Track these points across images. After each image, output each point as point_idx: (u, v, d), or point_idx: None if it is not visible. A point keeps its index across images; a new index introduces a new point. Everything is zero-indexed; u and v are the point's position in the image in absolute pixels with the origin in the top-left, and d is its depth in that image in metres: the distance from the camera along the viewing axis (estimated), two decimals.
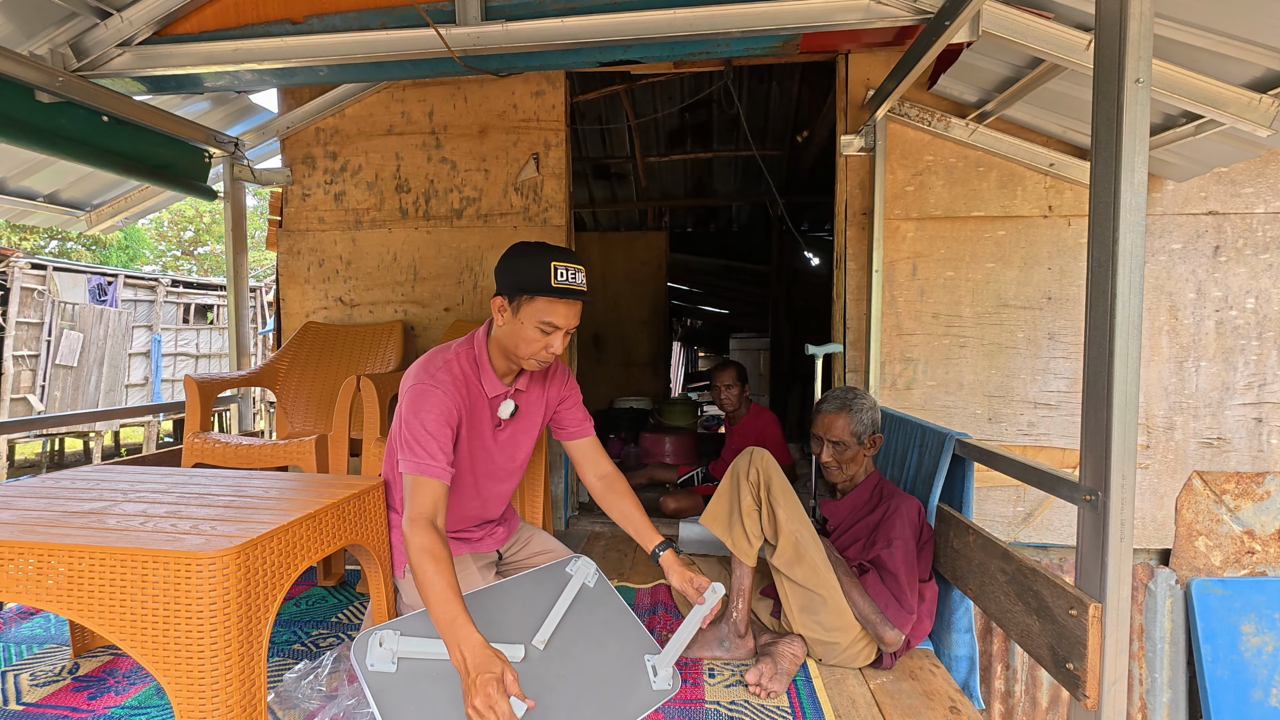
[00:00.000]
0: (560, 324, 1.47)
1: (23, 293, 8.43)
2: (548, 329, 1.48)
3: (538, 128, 2.99)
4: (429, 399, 1.47)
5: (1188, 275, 2.60)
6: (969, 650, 1.82)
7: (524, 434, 1.71)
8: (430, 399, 1.47)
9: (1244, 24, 1.71)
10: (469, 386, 1.56)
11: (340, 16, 2.26)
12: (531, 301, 1.46)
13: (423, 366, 1.54)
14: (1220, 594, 2.50)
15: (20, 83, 2.19)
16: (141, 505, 1.38)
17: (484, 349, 1.59)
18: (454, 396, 1.50)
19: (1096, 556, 1.19)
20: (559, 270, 1.45)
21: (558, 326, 1.48)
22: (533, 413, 1.71)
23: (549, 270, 1.44)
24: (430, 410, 1.46)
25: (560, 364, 1.77)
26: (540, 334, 1.48)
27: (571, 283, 1.46)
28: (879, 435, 1.89)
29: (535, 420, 1.72)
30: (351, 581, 2.26)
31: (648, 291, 6.26)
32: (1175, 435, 2.63)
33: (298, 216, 3.13)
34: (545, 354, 1.51)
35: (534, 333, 1.48)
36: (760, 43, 2.18)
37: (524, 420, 1.69)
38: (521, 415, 1.68)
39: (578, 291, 1.47)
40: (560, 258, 1.46)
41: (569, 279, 1.46)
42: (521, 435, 1.70)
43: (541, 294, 1.44)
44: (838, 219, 2.81)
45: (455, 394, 1.51)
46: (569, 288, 1.45)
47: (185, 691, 1.09)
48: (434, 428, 1.44)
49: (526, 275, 1.45)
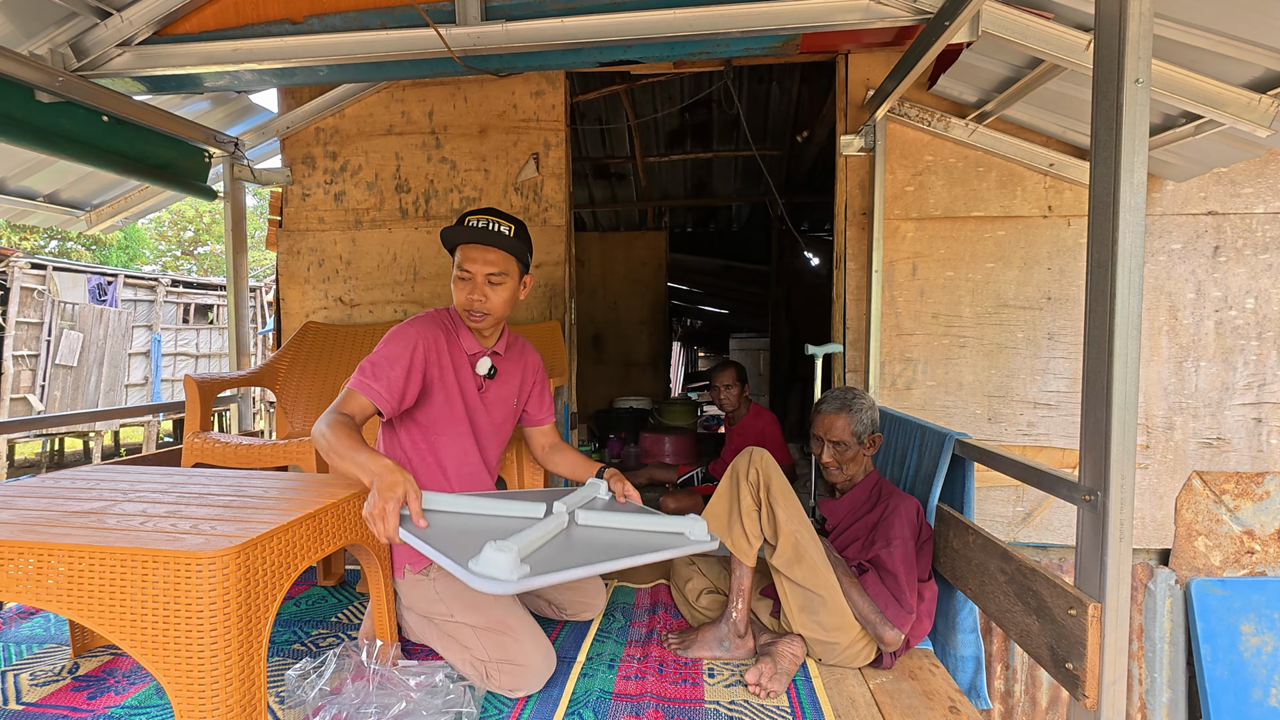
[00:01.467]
0: (472, 269, 1.59)
1: (23, 292, 8.42)
2: (464, 275, 1.61)
3: (538, 128, 2.99)
4: (397, 334, 1.61)
5: (1187, 275, 2.60)
6: (975, 650, 1.82)
7: (504, 401, 1.82)
8: (399, 334, 1.61)
9: (1244, 24, 1.71)
10: (448, 339, 1.69)
11: (340, 16, 2.26)
12: (455, 254, 1.64)
13: (410, 319, 1.69)
14: (1220, 594, 2.50)
15: (20, 83, 2.19)
16: (141, 505, 1.38)
17: (458, 316, 1.73)
18: (424, 337, 1.63)
19: (1096, 556, 1.19)
20: (469, 219, 1.60)
21: (469, 272, 1.60)
22: (510, 382, 1.82)
23: (464, 222, 1.60)
24: (393, 342, 1.59)
25: (538, 357, 1.91)
26: (461, 281, 1.62)
27: (477, 226, 1.58)
28: (878, 435, 1.89)
29: (513, 389, 1.83)
30: (351, 581, 2.26)
31: (648, 291, 6.26)
32: (1175, 435, 2.63)
33: (298, 216, 3.13)
34: (468, 301, 1.62)
35: (457, 281, 1.63)
36: (760, 43, 2.18)
37: (503, 388, 1.81)
38: (501, 382, 1.79)
39: (485, 233, 1.58)
40: (478, 211, 1.62)
41: (476, 223, 1.58)
42: (502, 401, 1.82)
43: (453, 241, 1.62)
44: (838, 219, 2.81)
45: (426, 335, 1.63)
46: (474, 229, 1.58)
47: (185, 691, 1.09)
48: (393, 356, 1.57)
49: (452, 231, 1.61)
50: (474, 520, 1.40)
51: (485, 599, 1.61)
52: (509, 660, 1.54)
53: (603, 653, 1.76)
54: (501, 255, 1.61)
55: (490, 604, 1.61)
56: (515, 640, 1.56)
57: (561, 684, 1.60)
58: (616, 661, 1.71)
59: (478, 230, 1.58)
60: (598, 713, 1.48)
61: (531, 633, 1.60)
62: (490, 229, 1.59)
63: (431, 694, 1.42)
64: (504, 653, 1.55)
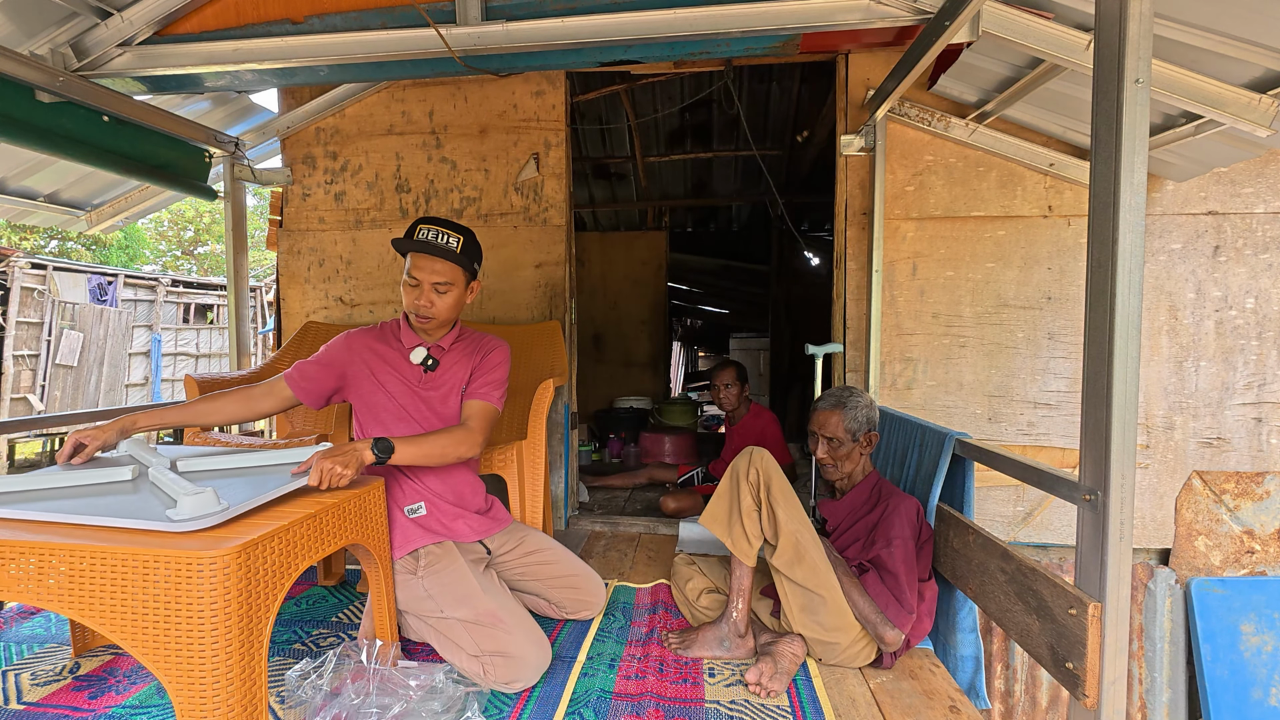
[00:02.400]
0: (419, 276, 1.68)
1: (23, 292, 8.42)
2: (411, 281, 1.70)
3: (538, 127, 2.99)
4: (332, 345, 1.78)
5: (1187, 275, 2.60)
6: (975, 650, 1.82)
7: (453, 392, 1.83)
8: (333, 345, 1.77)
9: (1244, 24, 1.71)
10: (386, 340, 1.80)
11: (340, 16, 2.26)
12: (405, 260, 1.73)
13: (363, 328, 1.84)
14: (1220, 593, 2.50)
15: (21, 82, 2.19)
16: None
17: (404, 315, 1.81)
18: (355, 342, 1.77)
19: (1096, 556, 1.19)
20: (421, 230, 1.67)
21: (417, 279, 1.69)
22: (458, 373, 1.84)
23: (414, 230, 1.67)
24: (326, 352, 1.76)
25: (500, 349, 1.89)
26: (409, 286, 1.71)
27: (429, 239, 1.66)
28: (875, 433, 1.89)
29: (461, 379, 1.84)
30: (352, 581, 2.26)
31: (648, 291, 6.27)
32: (1175, 435, 2.63)
33: (298, 216, 3.13)
34: (415, 305, 1.71)
35: (405, 286, 1.72)
36: (760, 43, 2.18)
37: (449, 379, 1.83)
38: (446, 374, 1.82)
39: (431, 245, 1.66)
40: (429, 222, 1.69)
41: (426, 236, 1.66)
42: (450, 393, 1.83)
43: (403, 249, 1.70)
44: (838, 219, 2.81)
45: (358, 341, 1.77)
46: (422, 242, 1.66)
47: (186, 691, 1.09)
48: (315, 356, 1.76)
49: (401, 242, 1.69)
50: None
51: (473, 593, 1.61)
52: (501, 652, 1.54)
53: (603, 652, 1.76)
54: (448, 265, 1.69)
55: (478, 596, 1.61)
56: (506, 632, 1.56)
57: (562, 683, 1.60)
58: (617, 661, 1.71)
59: (426, 243, 1.66)
60: (598, 712, 1.48)
61: (523, 625, 1.61)
62: (438, 241, 1.67)
63: (431, 695, 1.42)
64: (496, 645, 1.55)
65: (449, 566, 1.67)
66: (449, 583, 1.63)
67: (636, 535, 2.85)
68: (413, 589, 1.65)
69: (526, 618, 1.65)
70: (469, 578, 1.64)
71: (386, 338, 1.81)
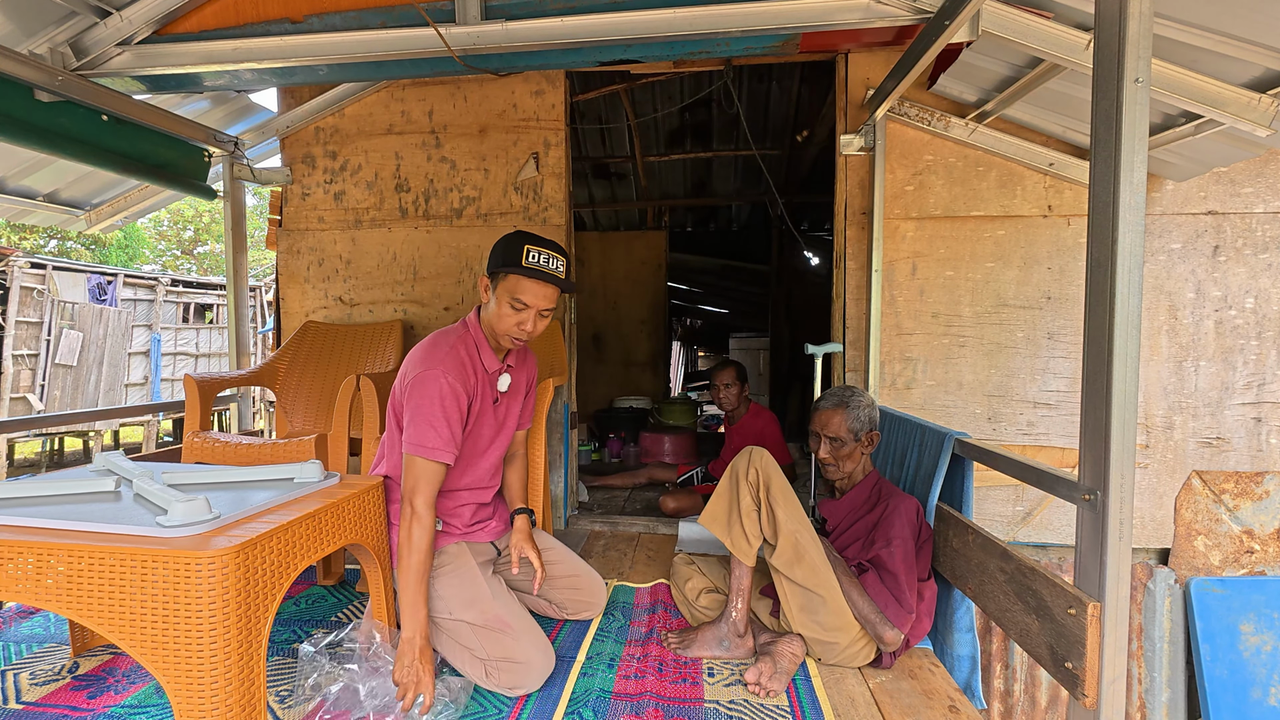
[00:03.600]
0: (529, 301, 1.59)
1: (22, 292, 8.42)
2: (518, 305, 1.60)
3: (537, 127, 2.99)
4: (440, 385, 1.58)
5: (1187, 275, 2.60)
6: (971, 649, 1.82)
7: (514, 403, 1.85)
8: (441, 384, 1.58)
9: (1244, 24, 1.71)
10: (473, 366, 1.68)
11: (340, 16, 2.26)
12: (505, 279, 1.60)
13: (428, 353, 1.63)
14: (1219, 593, 2.50)
15: (20, 82, 2.19)
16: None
17: (478, 328, 1.71)
18: (463, 380, 1.62)
19: (1095, 556, 1.19)
20: (530, 252, 1.58)
21: (526, 304, 1.60)
22: (519, 385, 1.85)
23: (521, 251, 1.57)
24: (443, 395, 1.57)
25: (534, 361, 1.93)
26: (512, 310, 1.61)
27: (541, 264, 1.58)
28: (876, 433, 1.89)
29: (521, 391, 1.86)
30: (351, 580, 2.26)
31: (647, 291, 6.26)
32: (1174, 435, 2.63)
33: (297, 216, 3.13)
34: (518, 330, 1.62)
35: (507, 309, 1.61)
36: (760, 42, 2.17)
37: (513, 397, 1.84)
38: (511, 391, 1.82)
39: (545, 274, 1.59)
40: (536, 243, 1.59)
41: (539, 261, 1.58)
42: (513, 404, 1.85)
43: (512, 271, 1.58)
44: (837, 219, 2.81)
45: (463, 377, 1.63)
46: (536, 268, 1.57)
47: (184, 690, 1.09)
48: (447, 412, 1.57)
49: (503, 255, 1.59)
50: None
51: (482, 596, 1.62)
52: (508, 658, 1.55)
53: (602, 652, 1.76)
54: (557, 292, 1.64)
55: (487, 601, 1.61)
56: (514, 638, 1.57)
57: (561, 683, 1.60)
58: (616, 661, 1.71)
59: (543, 271, 1.58)
60: (597, 712, 1.48)
61: (530, 631, 1.61)
62: (551, 267, 1.60)
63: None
64: (503, 651, 1.55)
65: (460, 569, 1.67)
66: (459, 585, 1.64)
67: (636, 535, 2.85)
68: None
69: (532, 624, 1.65)
70: (480, 581, 1.65)
71: (474, 361, 1.69)
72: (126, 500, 1.36)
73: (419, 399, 1.57)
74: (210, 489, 1.46)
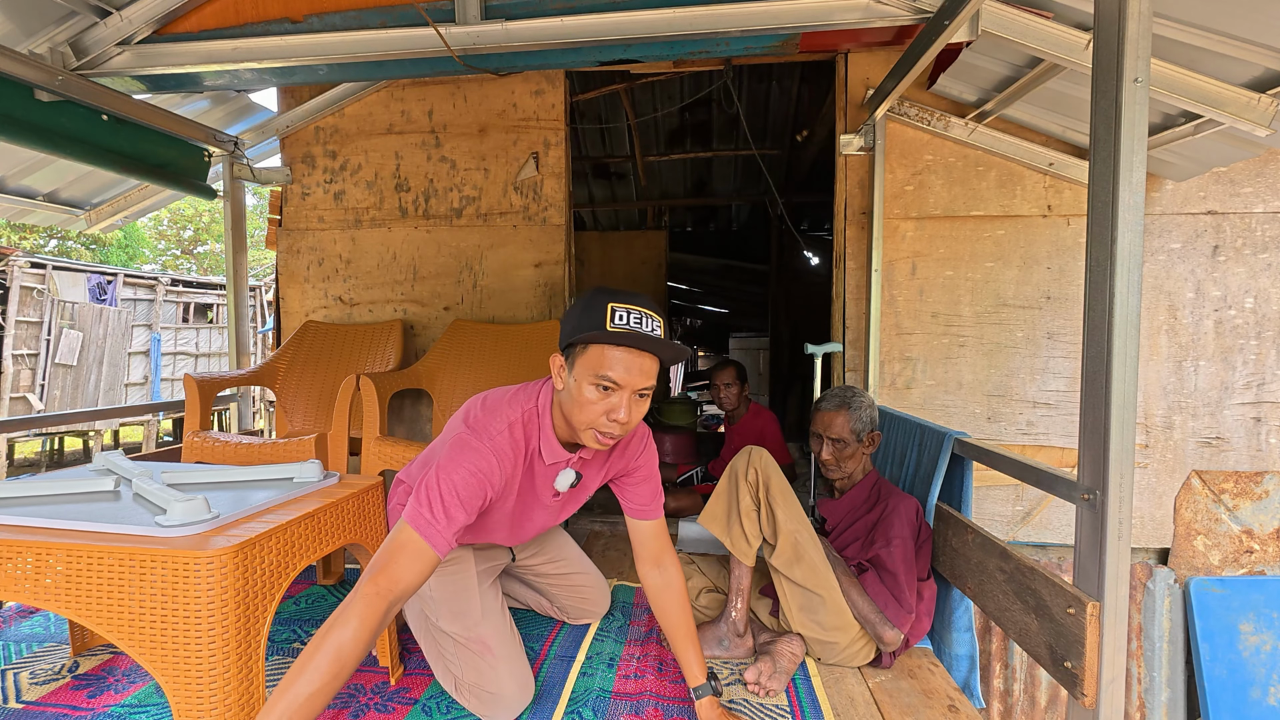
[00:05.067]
0: (619, 378, 1.20)
1: (22, 291, 8.42)
2: (605, 384, 1.20)
3: (537, 127, 2.99)
4: (475, 460, 1.25)
5: (1187, 275, 2.60)
6: (969, 649, 1.82)
7: (576, 500, 1.56)
8: (475, 460, 1.25)
9: (1243, 24, 1.71)
10: (527, 453, 1.36)
11: (340, 15, 2.26)
12: (584, 352, 1.22)
13: (483, 421, 1.33)
14: (1219, 593, 2.50)
15: (20, 81, 2.19)
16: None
17: (548, 411, 1.36)
18: (503, 465, 1.29)
19: (1094, 555, 1.19)
20: (617, 312, 1.19)
21: (616, 383, 1.20)
22: (590, 483, 1.50)
23: (605, 312, 1.19)
24: (470, 473, 1.23)
25: (639, 428, 1.50)
26: (597, 392, 1.21)
27: (634, 326, 1.19)
28: (877, 433, 1.89)
29: (591, 488, 1.52)
30: (351, 580, 2.26)
31: (647, 291, 6.26)
32: (1174, 434, 2.63)
33: (297, 215, 3.13)
34: (606, 423, 1.23)
35: (590, 391, 1.21)
36: (760, 42, 2.17)
37: (584, 487, 1.50)
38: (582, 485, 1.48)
39: (640, 337, 1.19)
40: (624, 299, 1.22)
41: (628, 322, 1.19)
42: (574, 501, 1.55)
43: (594, 340, 1.20)
44: (837, 218, 2.81)
45: (505, 462, 1.29)
46: (627, 331, 1.18)
47: (183, 690, 1.09)
48: (464, 494, 1.21)
49: (579, 321, 1.22)
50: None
51: (470, 611, 1.50)
52: (480, 685, 1.44)
53: (602, 652, 1.76)
54: (657, 365, 1.24)
55: (475, 619, 1.49)
56: (491, 666, 1.45)
57: (561, 683, 1.60)
58: (616, 660, 1.71)
59: (637, 335, 1.19)
60: (597, 711, 1.48)
61: (511, 660, 1.49)
62: (648, 329, 1.21)
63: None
64: (477, 675, 1.45)
65: (458, 574, 1.55)
66: (451, 592, 1.52)
67: None
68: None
69: (516, 652, 1.52)
70: (473, 595, 1.53)
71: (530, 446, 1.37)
72: (126, 500, 1.36)
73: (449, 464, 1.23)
74: (209, 489, 1.46)
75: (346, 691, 1.53)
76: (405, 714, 1.46)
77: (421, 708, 1.48)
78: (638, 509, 1.52)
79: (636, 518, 1.52)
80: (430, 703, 1.50)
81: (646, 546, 1.51)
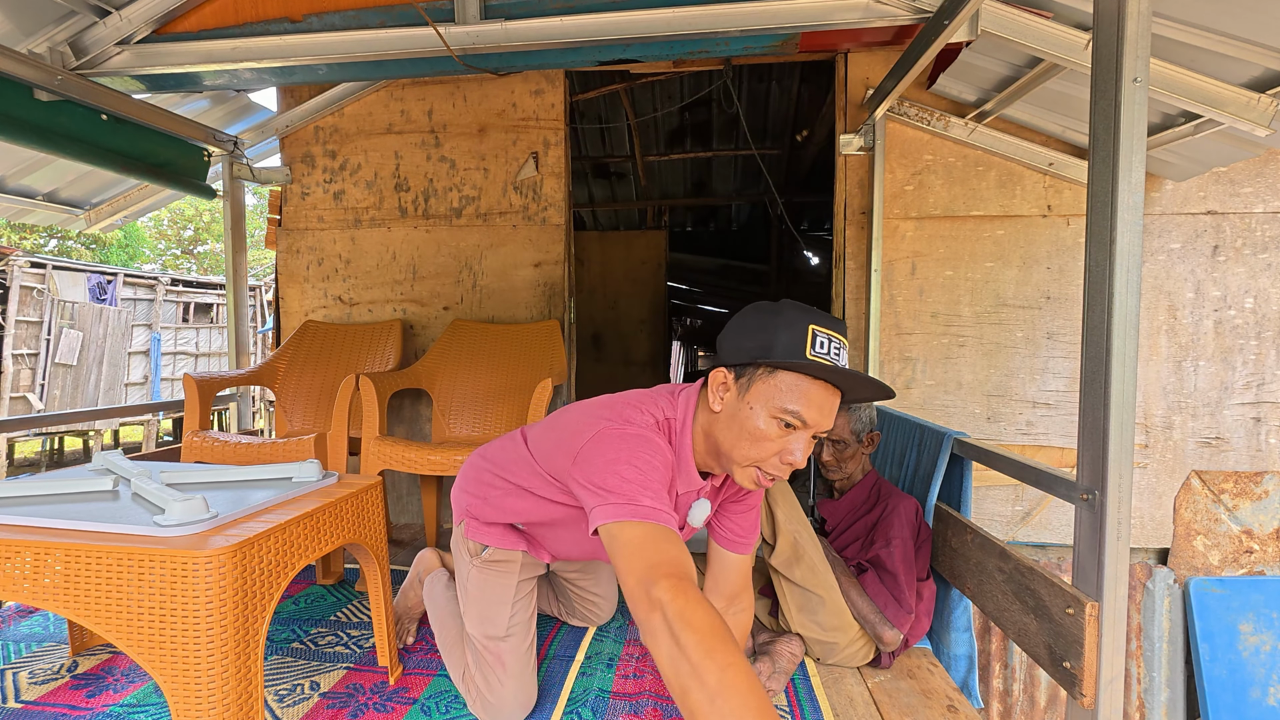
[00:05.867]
0: (810, 418, 1.04)
1: (22, 291, 8.42)
2: (791, 421, 1.04)
3: (537, 126, 2.99)
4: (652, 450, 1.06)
5: (1186, 275, 2.60)
6: (968, 649, 1.82)
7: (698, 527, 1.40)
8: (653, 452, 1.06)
9: (1243, 24, 1.71)
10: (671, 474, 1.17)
11: (339, 15, 2.26)
12: (771, 377, 1.05)
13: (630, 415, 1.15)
14: (1218, 593, 2.50)
15: (19, 81, 2.19)
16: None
17: (687, 431, 1.17)
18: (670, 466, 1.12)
19: (1094, 555, 1.19)
20: (819, 338, 1.02)
21: (805, 421, 1.04)
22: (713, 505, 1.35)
23: (806, 335, 1.02)
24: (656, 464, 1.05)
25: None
26: (778, 427, 1.05)
27: (832, 356, 1.04)
28: (877, 433, 1.89)
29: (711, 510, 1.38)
30: (350, 580, 2.26)
31: (647, 291, 6.26)
32: (1174, 435, 2.63)
33: (297, 215, 3.13)
34: (777, 464, 1.08)
35: (769, 425, 1.05)
36: (759, 42, 2.17)
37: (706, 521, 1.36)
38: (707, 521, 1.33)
39: (846, 374, 1.04)
40: (822, 322, 1.05)
41: (829, 351, 1.03)
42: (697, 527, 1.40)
43: (791, 368, 1.03)
44: (837, 218, 2.81)
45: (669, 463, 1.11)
46: (829, 365, 1.03)
47: (182, 690, 1.09)
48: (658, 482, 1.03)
49: (773, 338, 1.04)
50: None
51: (497, 619, 1.46)
52: (484, 690, 1.44)
53: (601, 651, 1.76)
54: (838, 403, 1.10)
55: (499, 628, 1.46)
56: (499, 680, 1.43)
57: (560, 683, 1.60)
58: (615, 660, 1.71)
59: (852, 373, 1.04)
60: (596, 711, 1.48)
61: (519, 678, 1.46)
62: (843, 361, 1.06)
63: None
64: (483, 680, 1.45)
65: (502, 574, 1.49)
66: (486, 594, 1.48)
67: None
68: (461, 567, 1.54)
69: (527, 672, 1.48)
70: (505, 604, 1.48)
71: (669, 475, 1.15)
72: (124, 499, 1.36)
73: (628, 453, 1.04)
74: (208, 488, 1.46)
75: (346, 691, 1.54)
76: (404, 714, 1.46)
77: (420, 707, 1.48)
78: (733, 539, 1.36)
79: (727, 548, 1.38)
80: (429, 702, 1.51)
81: (731, 581, 1.38)
